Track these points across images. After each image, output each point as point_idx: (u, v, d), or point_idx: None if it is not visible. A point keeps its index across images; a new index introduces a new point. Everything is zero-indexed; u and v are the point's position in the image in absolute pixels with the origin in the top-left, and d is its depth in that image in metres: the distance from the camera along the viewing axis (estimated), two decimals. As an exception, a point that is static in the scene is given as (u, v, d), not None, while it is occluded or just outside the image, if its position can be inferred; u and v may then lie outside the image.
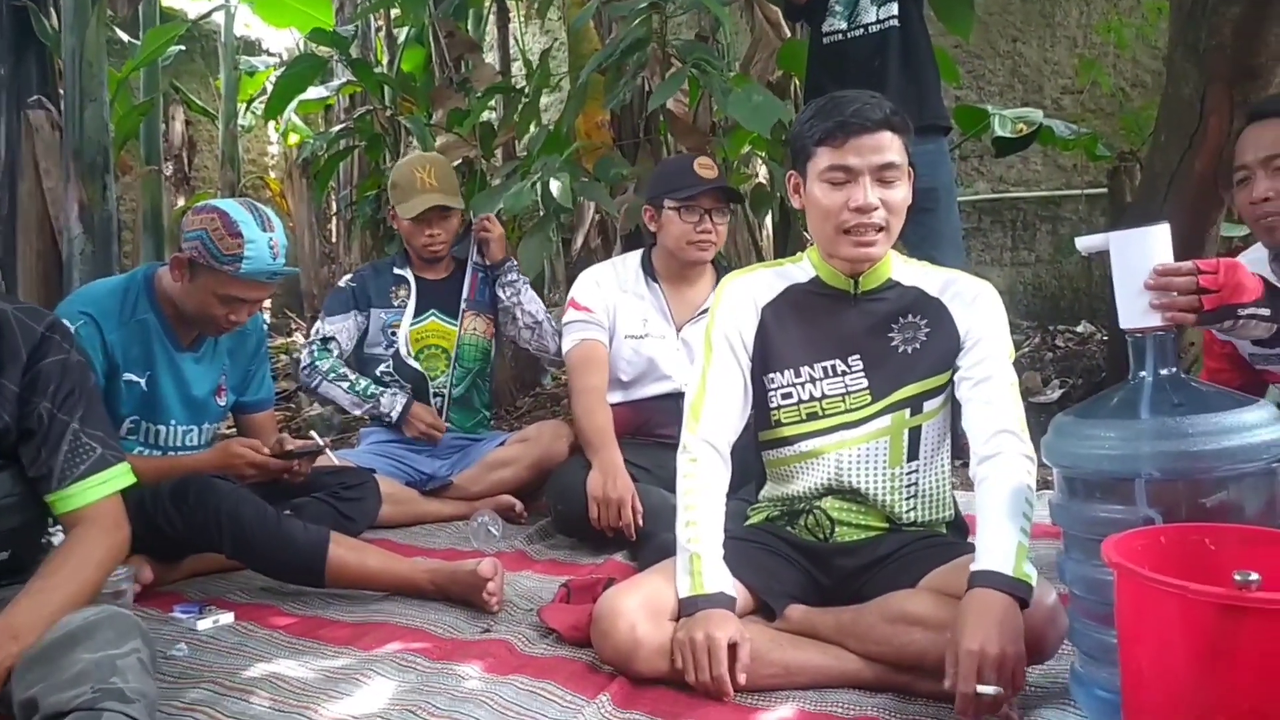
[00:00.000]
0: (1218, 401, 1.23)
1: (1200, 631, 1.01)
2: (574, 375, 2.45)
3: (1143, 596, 1.06)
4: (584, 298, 2.47)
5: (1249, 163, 1.72)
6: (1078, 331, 3.96)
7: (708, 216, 2.35)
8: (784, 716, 1.38)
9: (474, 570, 1.84)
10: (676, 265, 2.45)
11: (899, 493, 1.60)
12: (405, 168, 2.84)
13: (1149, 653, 1.07)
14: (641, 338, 2.45)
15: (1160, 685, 1.06)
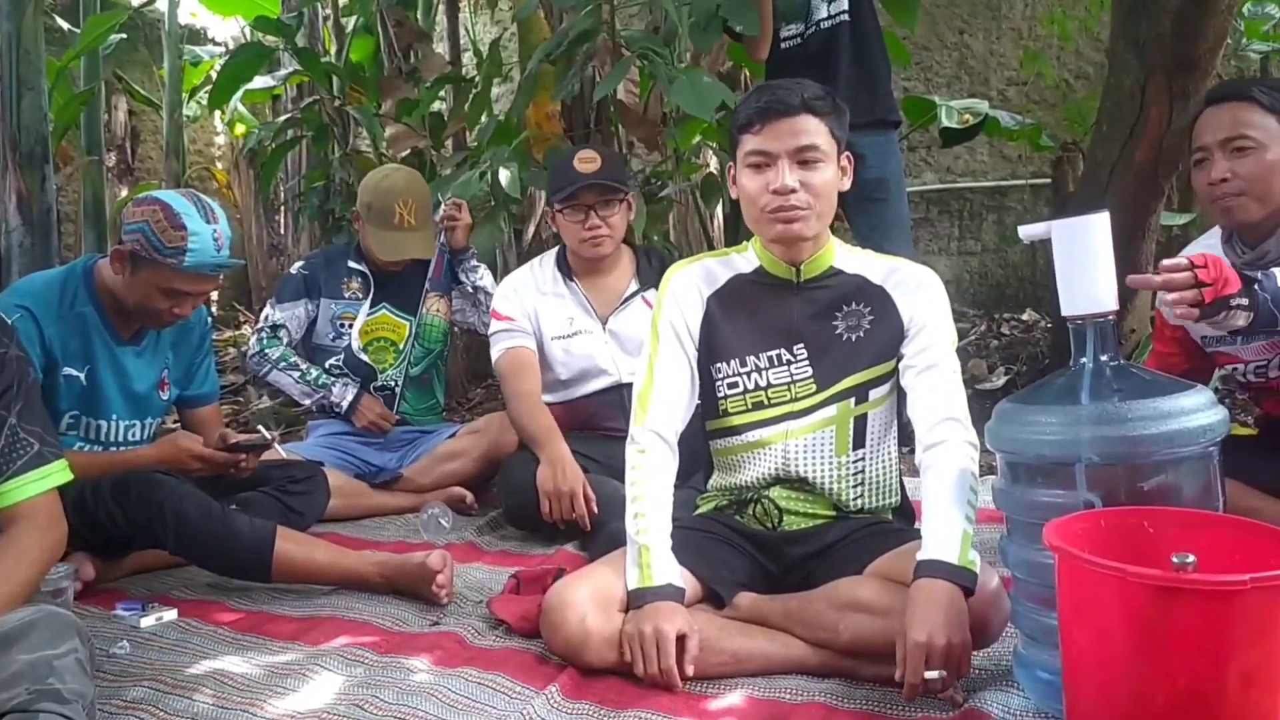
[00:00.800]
0: (1156, 387, 1.25)
1: (1138, 613, 1.03)
2: (506, 382, 2.45)
3: (1082, 579, 1.08)
4: (504, 307, 2.47)
5: (1207, 144, 1.74)
6: (1022, 319, 4.04)
7: (592, 212, 2.33)
8: (732, 704, 1.39)
9: (423, 563, 1.83)
10: (586, 262, 2.45)
11: (846, 481, 1.62)
12: (384, 195, 2.74)
13: (1089, 634, 1.09)
14: (569, 337, 2.44)
15: (1100, 666, 1.08)
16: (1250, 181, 1.70)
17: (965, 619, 1.30)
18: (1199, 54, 2.40)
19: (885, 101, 2.86)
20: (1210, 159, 1.74)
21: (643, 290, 2.46)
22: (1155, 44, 2.42)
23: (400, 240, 2.72)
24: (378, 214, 2.73)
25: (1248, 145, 1.71)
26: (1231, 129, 1.71)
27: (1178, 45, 2.39)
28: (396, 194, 2.73)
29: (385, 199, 2.73)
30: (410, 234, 2.73)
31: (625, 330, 2.43)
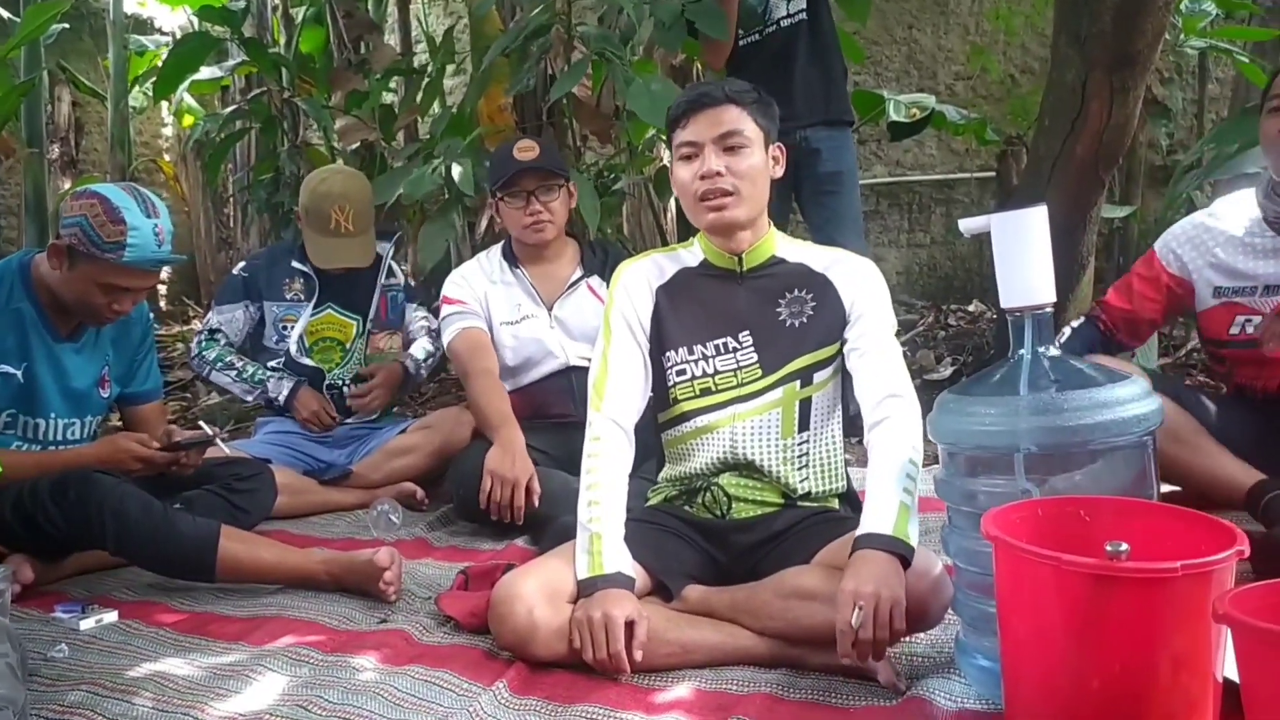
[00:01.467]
0: (1092, 377, 1.27)
1: (1074, 600, 1.05)
2: (462, 362, 2.44)
3: (1019, 567, 1.10)
4: (454, 292, 2.49)
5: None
6: (969, 310, 4.10)
7: (533, 198, 2.37)
8: (679, 697, 1.39)
9: (370, 560, 1.81)
10: (530, 249, 2.48)
11: (792, 463, 1.64)
12: (320, 199, 2.66)
13: (1026, 621, 1.11)
14: (517, 322, 2.46)
15: (1037, 652, 1.10)
16: None
17: (898, 580, 1.33)
18: (1138, 49, 2.44)
19: (840, 101, 2.92)
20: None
21: (587, 277, 2.49)
22: (1096, 39, 2.46)
23: (336, 247, 2.66)
24: (314, 218, 2.67)
25: None
26: None
27: (1117, 41, 2.43)
28: (333, 199, 2.65)
29: (321, 204, 2.66)
30: (347, 240, 2.66)
31: (571, 316, 2.46)
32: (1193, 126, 3.89)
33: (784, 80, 2.78)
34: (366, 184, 2.81)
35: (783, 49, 2.82)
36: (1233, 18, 3.41)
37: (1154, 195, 3.78)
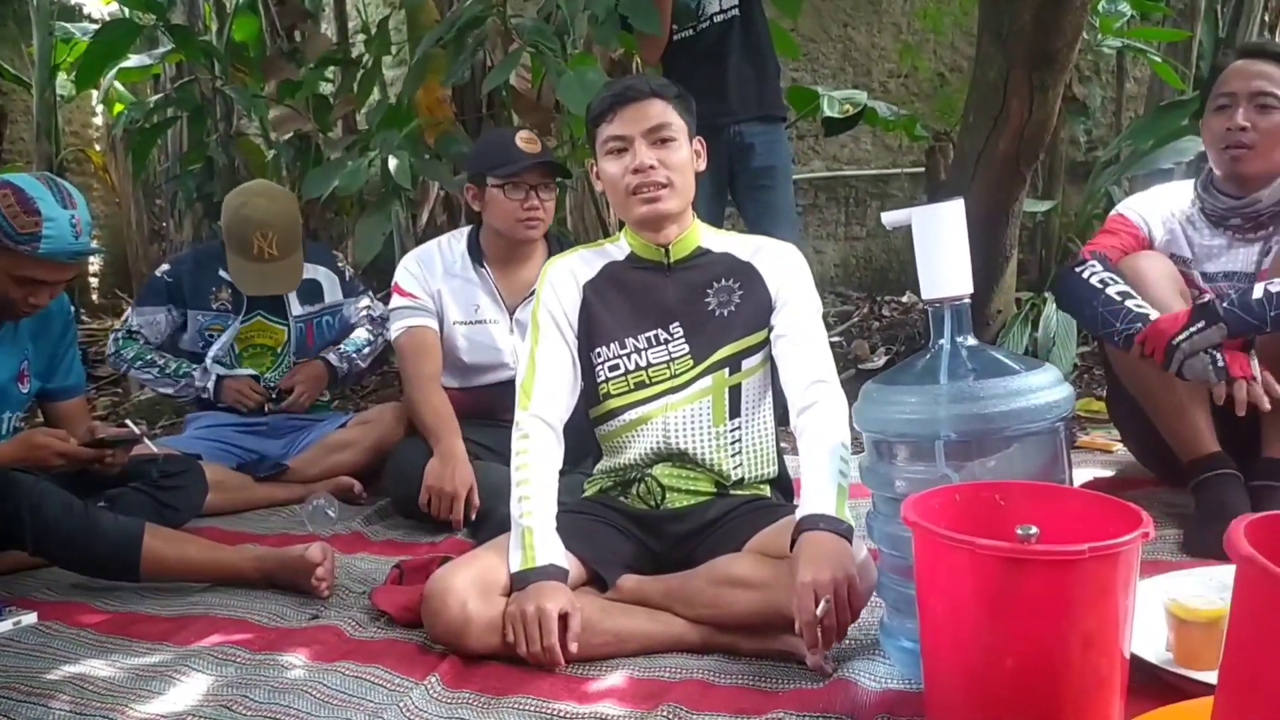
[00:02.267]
0: (1007, 366, 1.31)
1: (987, 583, 1.08)
2: (405, 364, 2.39)
3: (936, 552, 1.13)
4: (407, 284, 2.39)
5: (1235, 92, 1.87)
6: (902, 301, 4.18)
7: (534, 193, 2.28)
8: (613, 685, 1.40)
9: (302, 555, 1.79)
10: (505, 246, 2.37)
11: (724, 450, 1.66)
12: (241, 224, 2.55)
13: (943, 603, 1.14)
14: (474, 324, 2.38)
15: (954, 633, 1.13)
16: (1265, 135, 1.85)
17: (848, 560, 1.35)
18: (1057, 48, 2.50)
19: (773, 96, 2.96)
20: (1234, 106, 1.87)
21: None
22: (1016, 38, 2.52)
23: (259, 274, 2.57)
24: (235, 242, 2.58)
25: (1272, 103, 1.85)
26: (1264, 84, 1.85)
27: (1037, 39, 2.49)
28: (253, 225, 2.54)
29: (243, 229, 2.55)
30: (271, 266, 2.57)
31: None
32: (1111, 124, 4.01)
33: (718, 75, 2.81)
34: (291, 204, 2.69)
35: (716, 44, 2.85)
36: (1148, 19, 3.52)
37: (1074, 190, 3.89)
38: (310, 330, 2.77)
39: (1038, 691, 1.07)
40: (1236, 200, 1.91)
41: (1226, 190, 1.92)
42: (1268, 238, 1.91)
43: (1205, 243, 1.97)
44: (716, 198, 2.91)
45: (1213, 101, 1.92)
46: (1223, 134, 1.87)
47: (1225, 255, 1.95)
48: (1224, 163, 1.89)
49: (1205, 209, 1.96)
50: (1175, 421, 1.87)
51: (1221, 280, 1.94)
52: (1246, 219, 1.92)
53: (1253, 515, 0.87)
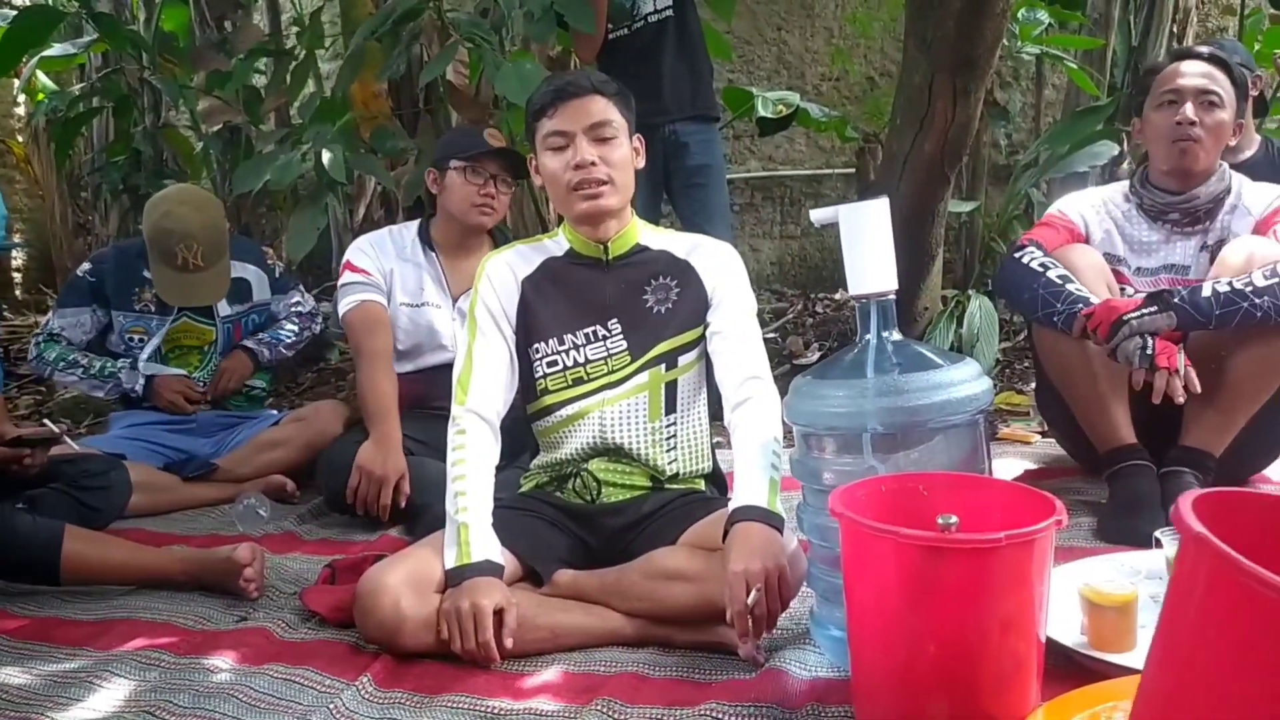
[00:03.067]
0: (931, 360, 1.35)
1: (910, 571, 1.11)
2: (356, 338, 2.36)
3: (862, 541, 1.16)
4: (359, 260, 2.39)
5: (1182, 89, 1.97)
6: (835, 298, 4.26)
7: (492, 181, 2.34)
8: (548, 680, 1.41)
9: (230, 556, 1.76)
10: (456, 235, 2.41)
11: (660, 445, 1.68)
12: (164, 235, 2.48)
13: (869, 591, 1.17)
14: (418, 306, 2.40)
15: (879, 620, 1.16)
16: (1210, 131, 1.95)
17: (779, 551, 1.37)
18: (978, 54, 2.58)
19: (707, 97, 2.99)
20: (1180, 102, 1.96)
21: None
22: (940, 43, 2.58)
23: (185, 284, 2.51)
24: (158, 251, 2.51)
25: (1216, 101, 1.95)
26: (1208, 83, 1.96)
27: (959, 45, 2.56)
28: (177, 236, 2.47)
29: (166, 240, 2.48)
30: (197, 276, 2.51)
31: None
32: (1031, 128, 4.13)
33: (652, 74, 2.83)
34: (217, 211, 2.63)
35: (651, 44, 2.87)
36: (1065, 27, 3.64)
37: (997, 192, 4.01)
38: (238, 330, 2.73)
39: (959, 675, 1.10)
40: (1175, 196, 1.99)
41: (1164, 186, 2.01)
42: (1205, 232, 2.00)
43: (1144, 238, 2.05)
44: (652, 196, 2.94)
45: (1156, 99, 2.00)
46: (1172, 128, 1.94)
47: (1164, 249, 2.03)
48: (1173, 156, 1.96)
49: (1144, 205, 2.04)
50: (1094, 413, 1.94)
51: (1162, 273, 2.03)
52: (1184, 214, 2.00)
53: (1201, 491, 0.88)
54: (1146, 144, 2.07)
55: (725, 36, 4.03)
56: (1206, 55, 2.02)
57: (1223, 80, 1.98)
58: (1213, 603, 0.79)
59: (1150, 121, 2.02)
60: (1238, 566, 0.75)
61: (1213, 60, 2.00)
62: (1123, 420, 1.92)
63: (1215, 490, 0.90)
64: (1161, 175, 2.02)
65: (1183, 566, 0.84)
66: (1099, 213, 2.10)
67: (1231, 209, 2.00)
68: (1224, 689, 0.79)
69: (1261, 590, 0.73)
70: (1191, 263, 2.01)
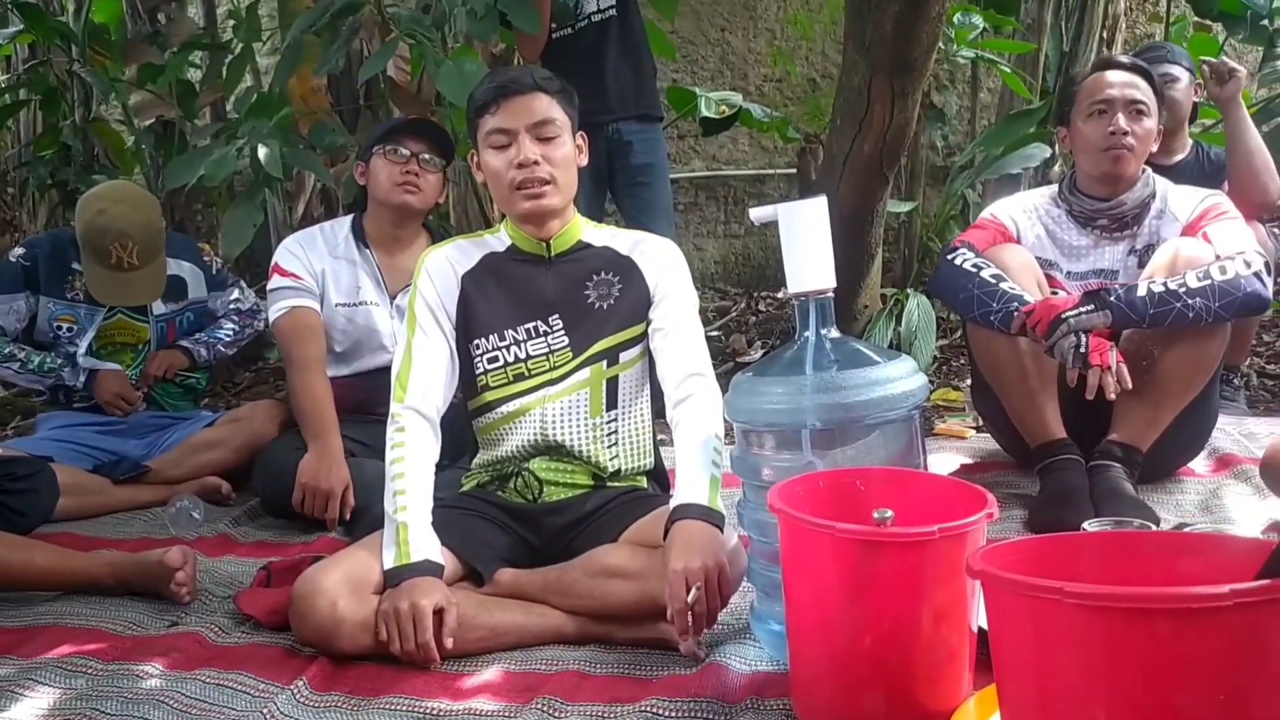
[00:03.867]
0: (868, 357, 1.37)
1: (847, 564, 1.12)
2: (287, 346, 2.31)
3: (800, 536, 1.17)
4: (288, 263, 2.33)
5: (1112, 99, 2.02)
6: (778, 297, 4.30)
7: (415, 159, 2.30)
8: (488, 680, 1.40)
9: (160, 560, 1.71)
10: (388, 225, 2.37)
11: (601, 442, 1.67)
12: (98, 234, 2.41)
13: (807, 585, 1.18)
14: (354, 305, 2.35)
15: (816, 613, 1.17)
16: (1140, 140, 2.01)
17: (719, 548, 1.38)
18: (915, 56, 2.62)
19: (650, 96, 3.00)
20: (1111, 113, 2.02)
21: None
22: (878, 46, 2.62)
23: (119, 283, 2.45)
24: (91, 250, 2.44)
25: (1144, 111, 2.03)
26: (1135, 93, 2.03)
27: (897, 47, 2.60)
28: (111, 235, 2.41)
29: (99, 238, 2.41)
30: (132, 275, 2.45)
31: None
32: (967, 131, 4.22)
33: (596, 74, 2.83)
34: (153, 210, 2.56)
35: (594, 43, 2.87)
36: (1000, 32, 3.72)
37: (934, 193, 4.08)
38: (172, 329, 2.67)
39: (894, 666, 1.12)
40: (1103, 202, 2.05)
41: (1092, 193, 2.06)
42: (1133, 237, 2.06)
43: (1074, 242, 2.10)
44: (596, 194, 2.94)
45: (1085, 109, 2.05)
46: (1105, 138, 2.00)
47: (1093, 254, 2.08)
48: (1104, 164, 2.02)
49: (1073, 211, 2.09)
50: (1026, 409, 1.99)
51: (1091, 277, 2.08)
52: (1113, 219, 2.06)
53: (997, 543, 0.98)
54: (1074, 152, 2.12)
55: (669, 36, 4.05)
56: (1129, 65, 2.07)
57: (1146, 89, 2.04)
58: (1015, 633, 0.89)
59: (1080, 131, 2.07)
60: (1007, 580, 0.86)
61: (1135, 70, 2.06)
62: (1052, 416, 1.97)
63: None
64: (1090, 182, 2.08)
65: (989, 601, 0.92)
66: (1030, 217, 2.15)
67: (1159, 214, 2.06)
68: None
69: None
70: (1120, 267, 2.06)
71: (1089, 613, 0.80)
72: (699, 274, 4.60)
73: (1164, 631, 0.78)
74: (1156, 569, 0.96)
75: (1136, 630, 0.79)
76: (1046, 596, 0.82)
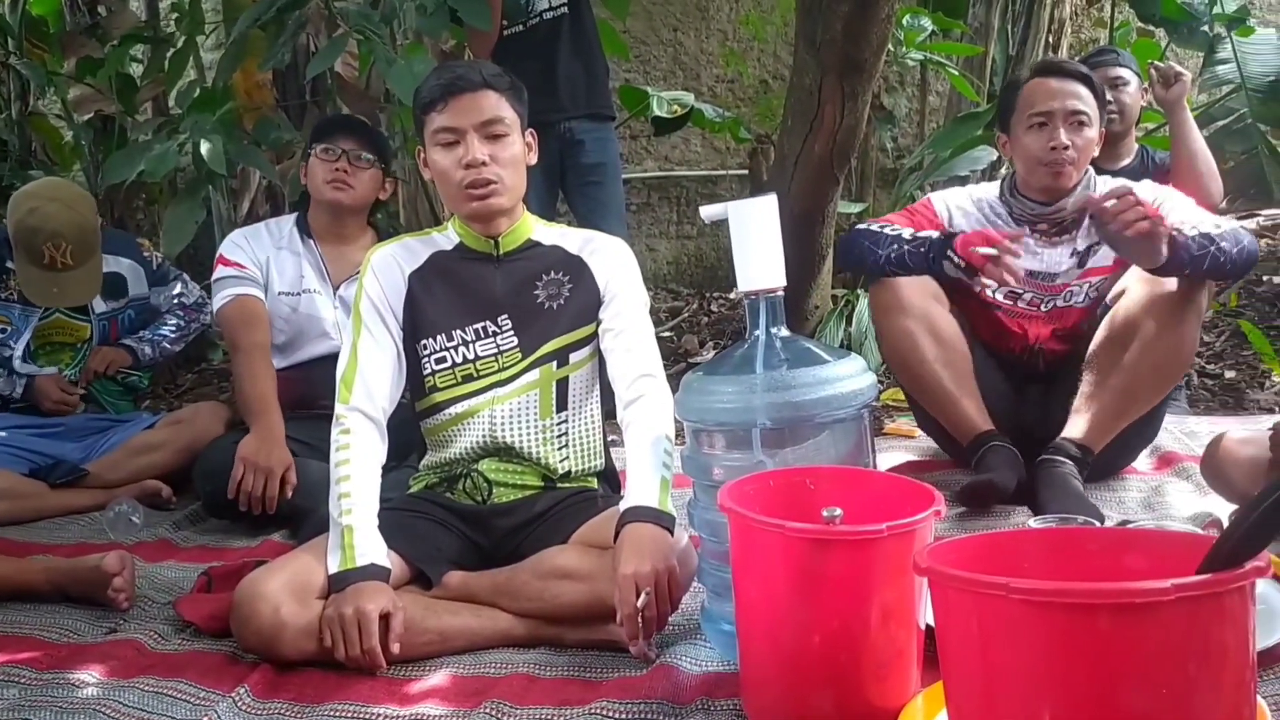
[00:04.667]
0: (818, 356, 1.37)
1: (796, 563, 1.12)
2: (232, 333, 2.28)
3: (749, 535, 1.17)
4: (232, 253, 2.32)
5: (1053, 110, 1.99)
6: (730, 298, 4.32)
7: (345, 157, 2.30)
8: (435, 684, 1.38)
9: (97, 565, 1.66)
10: (327, 221, 2.38)
11: (551, 444, 1.66)
12: (30, 234, 2.35)
13: (756, 584, 1.18)
14: (297, 294, 2.34)
15: (766, 612, 1.17)
16: (1081, 152, 2.00)
17: (668, 551, 1.37)
18: (864, 57, 2.65)
19: (602, 96, 2.99)
20: (1052, 125, 1.99)
21: None
22: (828, 46, 2.64)
23: (53, 283, 2.39)
24: (24, 250, 2.37)
25: (1085, 121, 2.00)
26: (1077, 103, 1.99)
27: (847, 48, 2.62)
28: (44, 235, 2.35)
29: (31, 237, 2.36)
30: (66, 276, 2.39)
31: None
32: (917, 133, 4.28)
33: (547, 72, 2.81)
34: (87, 208, 2.49)
35: (546, 41, 2.85)
36: (949, 35, 3.77)
37: (884, 194, 4.13)
38: (115, 327, 2.61)
39: (843, 664, 1.12)
40: (1044, 207, 2.05)
41: (1033, 197, 2.06)
42: (1073, 239, 2.07)
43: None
44: (548, 193, 2.92)
45: (1025, 120, 2.02)
46: (1047, 153, 1.99)
47: (1034, 256, 2.08)
48: (1045, 178, 2.01)
49: (1013, 213, 2.10)
50: (950, 412, 2.04)
51: (1032, 279, 2.08)
52: (1053, 224, 2.07)
53: (944, 541, 1.00)
54: (1015, 161, 2.10)
55: (622, 36, 4.04)
56: (1071, 71, 2.05)
57: (1088, 97, 2.02)
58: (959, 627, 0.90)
59: (1021, 143, 2.05)
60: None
61: (1077, 77, 2.03)
62: (976, 411, 2.01)
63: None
64: (1030, 189, 2.08)
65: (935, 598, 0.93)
66: (968, 214, 2.13)
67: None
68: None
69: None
70: (1058, 270, 2.08)
71: (1033, 608, 0.81)
72: (651, 274, 4.60)
73: (1107, 626, 0.79)
74: (1101, 565, 0.97)
75: (1080, 625, 0.80)
76: (992, 593, 0.83)
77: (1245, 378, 3.06)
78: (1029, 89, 2.05)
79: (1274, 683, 1.21)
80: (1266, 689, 1.19)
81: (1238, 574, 0.80)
